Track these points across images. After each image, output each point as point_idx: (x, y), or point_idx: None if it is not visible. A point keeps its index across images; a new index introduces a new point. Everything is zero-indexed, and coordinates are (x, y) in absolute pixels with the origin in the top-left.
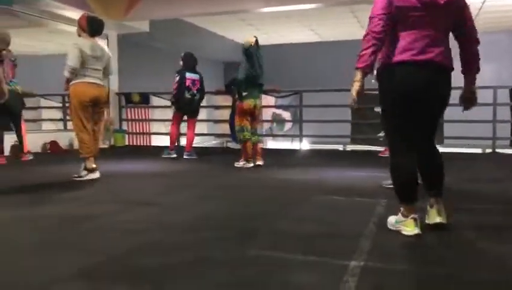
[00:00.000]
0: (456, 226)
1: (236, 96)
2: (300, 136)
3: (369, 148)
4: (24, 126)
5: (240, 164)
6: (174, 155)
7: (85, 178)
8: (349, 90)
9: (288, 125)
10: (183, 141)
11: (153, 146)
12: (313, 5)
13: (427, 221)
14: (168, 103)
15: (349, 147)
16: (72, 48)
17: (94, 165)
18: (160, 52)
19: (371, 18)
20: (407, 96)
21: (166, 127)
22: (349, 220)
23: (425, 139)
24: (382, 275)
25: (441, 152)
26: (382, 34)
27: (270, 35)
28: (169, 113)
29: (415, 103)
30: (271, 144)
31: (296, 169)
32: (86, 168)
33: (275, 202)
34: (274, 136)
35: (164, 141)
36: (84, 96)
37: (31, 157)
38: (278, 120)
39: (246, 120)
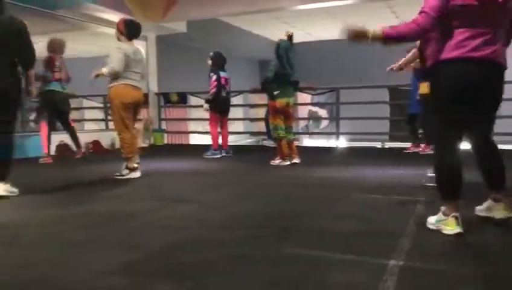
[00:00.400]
0: (499, 224)
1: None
2: (337, 134)
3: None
4: (74, 126)
5: (276, 162)
6: (219, 155)
7: (126, 177)
8: (386, 86)
9: (324, 123)
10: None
11: (191, 145)
12: (349, 1)
13: (489, 214)
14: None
15: (388, 145)
16: (116, 52)
17: (135, 165)
18: (197, 52)
19: (423, 11)
20: (460, 92)
21: (203, 126)
22: (388, 218)
23: (482, 137)
24: (422, 275)
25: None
26: (426, 32)
27: (305, 33)
28: (206, 113)
29: (468, 99)
30: (307, 141)
31: (333, 167)
32: (127, 167)
33: (312, 200)
34: (310, 134)
35: (201, 139)
36: (126, 98)
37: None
38: (314, 118)
39: (279, 118)
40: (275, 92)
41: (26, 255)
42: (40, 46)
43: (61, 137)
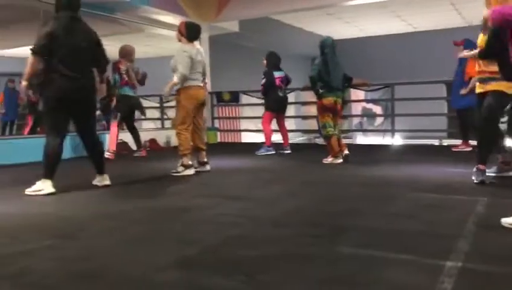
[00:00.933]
0: None
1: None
2: (392, 131)
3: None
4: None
5: (329, 160)
6: (273, 152)
7: (182, 174)
8: (443, 81)
9: (379, 120)
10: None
11: (243, 143)
12: None
13: None
14: (258, 101)
15: (446, 142)
16: (183, 56)
17: (190, 162)
18: (248, 51)
19: None
20: None
21: (255, 125)
22: (445, 218)
23: None
24: (482, 277)
25: None
26: None
27: (360, 28)
28: (257, 111)
29: None
30: (361, 139)
31: (388, 165)
32: (183, 165)
33: (366, 198)
34: (364, 131)
35: (254, 137)
36: (195, 99)
37: (138, 154)
38: (368, 115)
39: (328, 116)
40: (321, 91)
41: (88, 247)
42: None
43: (119, 136)
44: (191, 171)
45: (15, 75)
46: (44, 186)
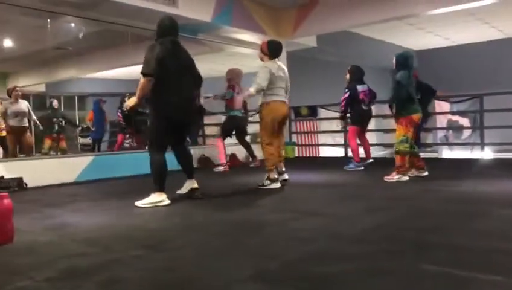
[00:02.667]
0: None
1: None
2: (481, 144)
3: None
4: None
5: (395, 177)
6: (362, 168)
7: (268, 187)
8: None
9: (466, 133)
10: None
11: (321, 157)
12: (492, 0)
13: None
14: (335, 115)
15: None
16: (263, 70)
17: (276, 176)
18: (326, 65)
19: None
20: None
21: (333, 139)
22: None
23: None
24: None
25: None
26: None
27: (443, 38)
28: (335, 125)
29: None
30: (447, 153)
31: (476, 180)
32: (269, 178)
33: (451, 214)
34: (450, 144)
35: (331, 152)
36: (278, 114)
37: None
38: (455, 127)
39: (410, 131)
40: (412, 106)
41: (173, 258)
42: None
43: (201, 151)
44: (276, 185)
45: (104, 95)
46: (162, 198)
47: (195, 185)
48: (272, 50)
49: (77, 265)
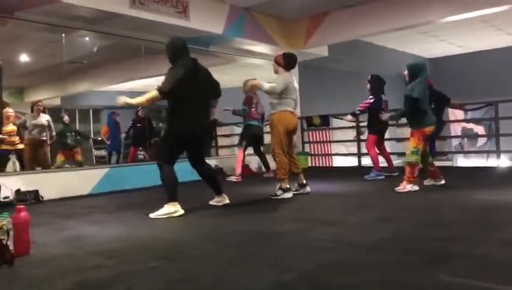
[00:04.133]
0: None
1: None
2: (497, 152)
3: None
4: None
5: (407, 187)
6: (383, 177)
7: (280, 197)
8: None
9: (481, 141)
10: (364, 161)
11: (335, 167)
12: (505, 7)
13: None
14: (348, 124)
15: None
16: (282, 77)
17: (288, 185)
18: (338, 74)
19: None
20: None
21: (347, 148)
22: None
23: None
24: None
25: None
26: None
27: (456, 45)
28: (347, 134)
29: None
30: (462, 161)
31: (494, 189)
32: (281, 188)
33: (470, 224)
34: (465, 153)
35: (344, 161)
36: (289, 124)
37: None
38: (469, 135)
39: (422, 144)
40: (425, 119)
41: (189, 269)
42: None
43: (214, 162)
44: (289, 195)
45: (118, 108)
46: (176, 208)
47: (226, 201)
48: (287, 62)
49: (93, 277)
